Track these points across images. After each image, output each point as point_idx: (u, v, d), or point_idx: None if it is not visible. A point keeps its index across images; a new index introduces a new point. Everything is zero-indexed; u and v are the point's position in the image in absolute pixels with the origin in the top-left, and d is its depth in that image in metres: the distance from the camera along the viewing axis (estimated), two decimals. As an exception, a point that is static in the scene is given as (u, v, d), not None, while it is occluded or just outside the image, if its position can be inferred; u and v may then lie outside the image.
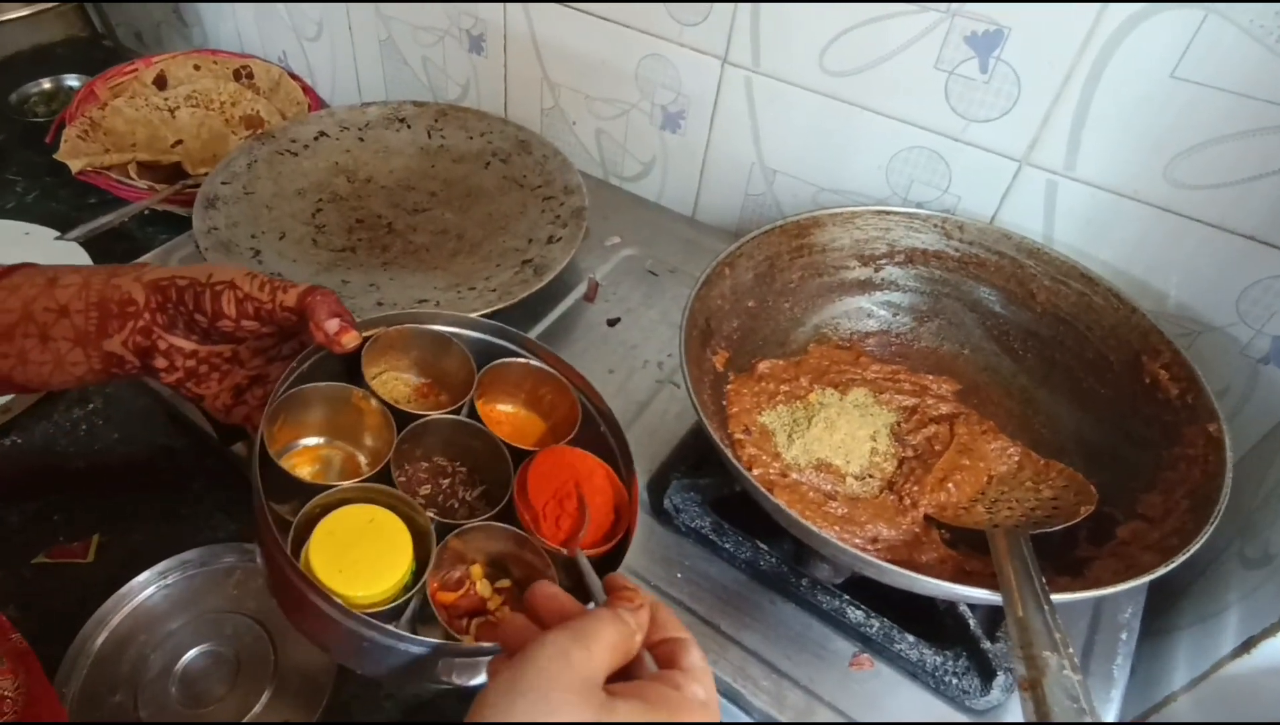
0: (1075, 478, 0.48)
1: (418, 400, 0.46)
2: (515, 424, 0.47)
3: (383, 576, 0.36)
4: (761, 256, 0.56)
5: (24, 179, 0.96)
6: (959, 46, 0.55)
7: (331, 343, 0.41)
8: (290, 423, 0.43)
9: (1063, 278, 0.54)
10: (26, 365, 0.41)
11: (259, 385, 0.46)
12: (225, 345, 0.44)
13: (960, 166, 0.60)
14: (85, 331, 0.41)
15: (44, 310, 0.41)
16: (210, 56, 1.03)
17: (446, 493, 0.43)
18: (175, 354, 0.43)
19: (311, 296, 0.41)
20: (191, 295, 0.41)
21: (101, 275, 0.42)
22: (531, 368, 0.46)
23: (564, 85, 0.80)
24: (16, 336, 0.41)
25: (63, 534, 0.63)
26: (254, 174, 0.71)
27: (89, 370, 0.42)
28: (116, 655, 0.55)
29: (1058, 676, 0.30)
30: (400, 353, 0.46)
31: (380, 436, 0.42)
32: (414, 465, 0.44)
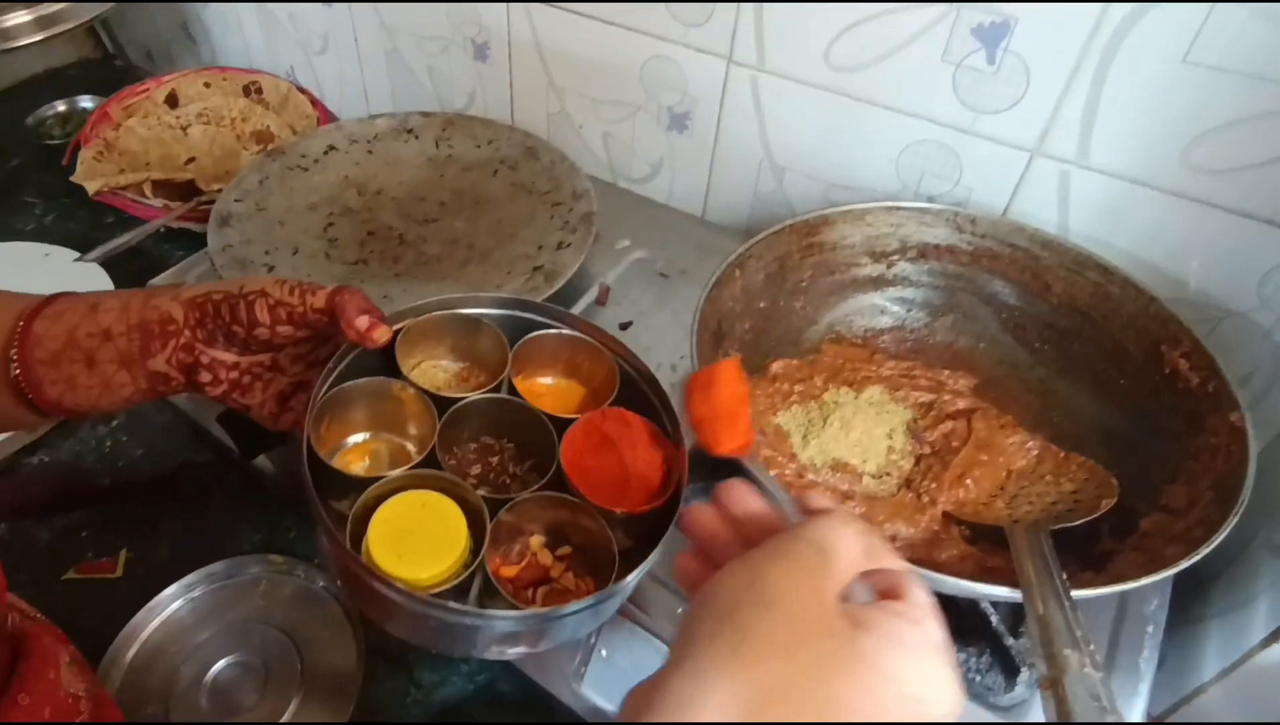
0: (1096, 470, 0.48)
1: (459, 385, 0.48)
2: (557, 394, 0.48)
3: (441, 557, 0.38)
4: (771, 257, 0.56)
5: (42, 201, 0.98)
6: (966, 39, 0.55)
7: (364, 339, 0.42)
8: (336, 422, 0.44)
9: (1078, 268, 0.53)
10: (75, 390, 0.43)
11: (303, 391, 0.48)
12: (265, 354, 0.46)
13: (971, 159, 0.60)
14: (129, 353, 0.43)
15: (87, 335, 0.42)
16: (220, 74, 1.05)
17: (497, 469, 0.45)
18: (218, 367, 0.44)
19: (339, 296, 0.42)
20: (227, 308, 0.42)
21: (140, 297, 0.44)
22: (565, 337, 0.47)
23: (569, 90, 0.81)
24: (63, 363, 0.42)
25: (91, 549, 0.65)
26: (266, 190, 0.72)
27: (136, 390, 0.44)
28: (148, 667, 0.57)
29: (1079, 674, 0.30)
30: (434, 341, 0.48)
31: (424, 424, 0.43)
32: (462, 447, 0.45)
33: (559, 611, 0.37)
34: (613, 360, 0.47)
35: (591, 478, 0.42)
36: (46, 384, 0.42)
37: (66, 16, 1.00)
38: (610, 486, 0.42)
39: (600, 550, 0.41)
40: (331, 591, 0.60)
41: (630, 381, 0.46)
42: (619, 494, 0.42)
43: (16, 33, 0.98)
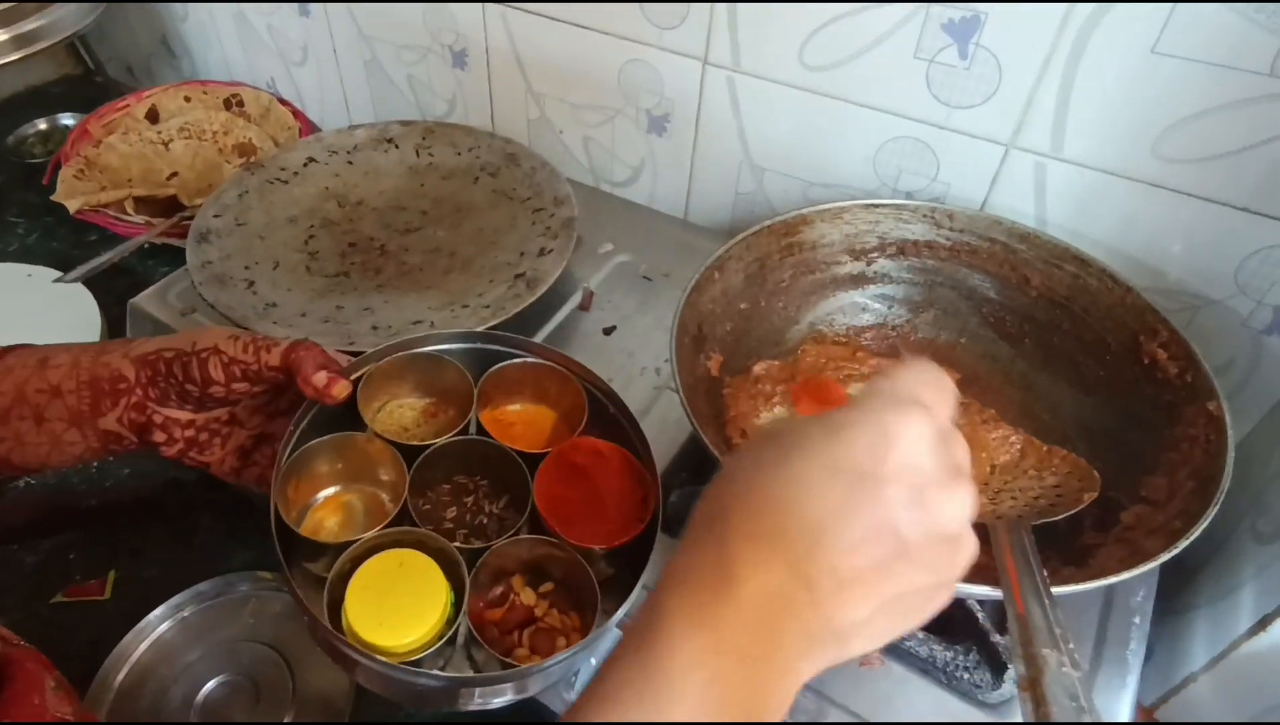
0: (1079, 464, 0.48)
1: (427, 422, 0.47)
2: (528, 421, 0.48)
3: (423, 618, 0.37)
4: (751, 258, 0.56)
5: (24, 220, 0.98)
6: (937, 35, 0.55)
7: (322, 396, 0.41)
8: (305, 480, 0.43)
9: (1056, 261, 0.54)
10: (24, 447, 0.42)
11: (266, 443, 0.46)
12: (222, 409, 0.45)
13: (947, 154, 0.60)
14: (79, 411, 0.41)
15: (36, 392, 0.41)
16: (200, 87, 1.04)
17: (473, 510, 0.44)
18: (173, 426, 0.43)
19: (295, 352, 0.41)
20: (179, 366, 0.41)
21: (90, 353, 0.42)
22: (530, 365, 0.46)
23: (548, 95, 0.81)
24: (12, 419, 0.41)
25: (79, 572, 0.64)
26: (245, 205, 0.72)
27: (87, 448, 0.43)
28: (138, 689, 0.57)
29: (1057, 674, 0.30)
30: (397, 382, 0.47)
31: (395, 471, 0.43)
32: (436, 490, 0.45)
33: (541, 667, 0.37)
34: (580, 385, 0.46)
35: (568, 511, 0.42)
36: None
37: (44, 34, 1.00)
38: (587, 518, 0.42)
39: (584, 583, 0.41)
40: (321, 606, 0.60)
41: (600, 404, 0.46)
42: (597, 524, 0.42)
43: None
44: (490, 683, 0.38)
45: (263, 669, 0.58)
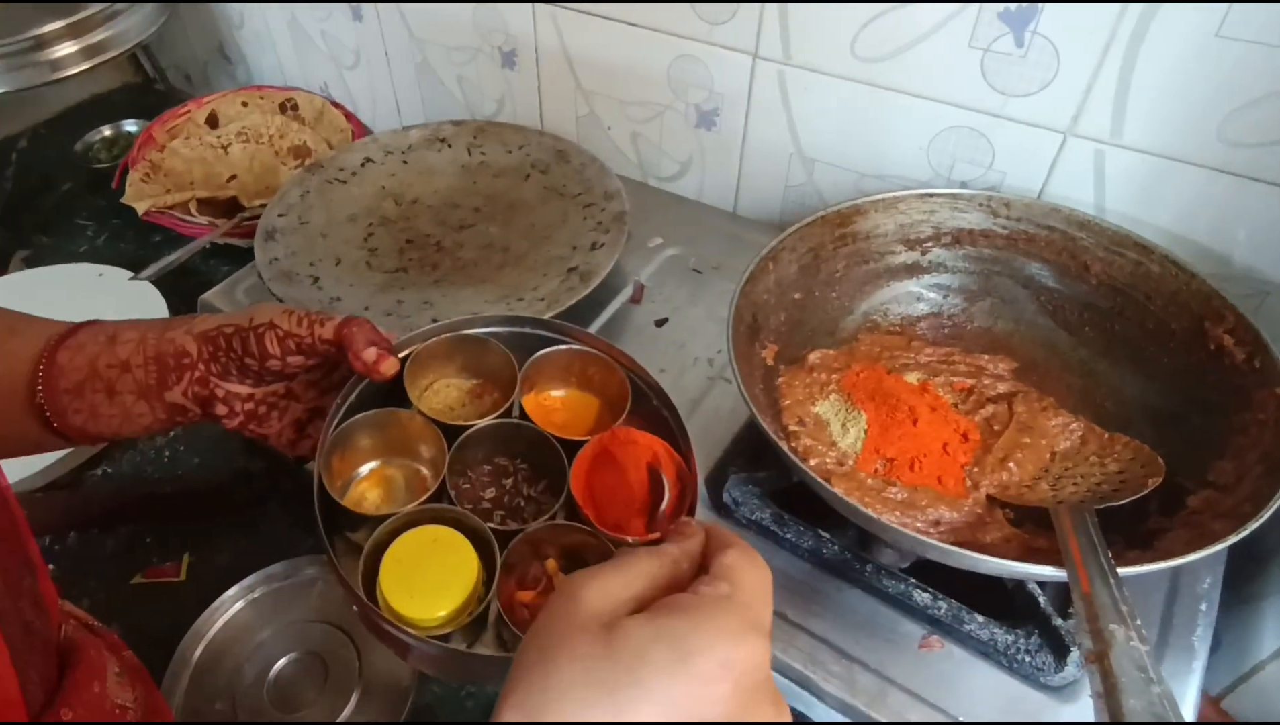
0: (1141, 450, 0.48)
1: (472, 402, 0.49)
2: (571, 407, 0.49)
3: (453, 594, 0.38)
4: (805, 248, 0.57)
5: (93, 223, 1.03)
6: (992, 23, 0.55)
7: (371, 371, 0.43)
8: (350, 452, 0.45)
9: (1117, 248, 0.54)
10: (98, 418, 0.44)
11: (319, 417, 0.49)
12: (279, 383, 0.47)
13: (1003, 143, 0.60)
14: (147, 385, 0.44)
15: (107, 366, 0.43)
16: (256, 92, 1.09)
17: (511, 492, 0.45)
18: (233, 399, 0.45)
19: (348, 327, 0.43)
20: (238, 341, 0.43)
21: (156, 329, 0.45)
22: (575, 352, 0.48)
23: (597, 92, 0.82)
24: (86, 392, 0.44)
25: (155, 555, 0.68)
26: (307, 204, 0.75)
27: (154, 420, 0.45)
28: (214, 666, 0.60)
29: (1125, 648, 0.31)
30: (444, 361, 0.49)
31: (436, 449, 0.44)
32: (476, 470, 0.46)
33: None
34: (623, 374, 0.47)
35: (604, 500, 0.43)
36: (70, 412, 0.44)
37: (111, 45, 1.05)
38: (623, 507, 0.43)
39: None
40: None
41: (643, 394, 0.47)
42: (633, 513, 0.42)
43: (65, 63, 1.03)
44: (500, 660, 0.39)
45: (331, 648, 0.61)
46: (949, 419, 0.51)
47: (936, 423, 0.51)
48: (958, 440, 0.50)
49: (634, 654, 0.25)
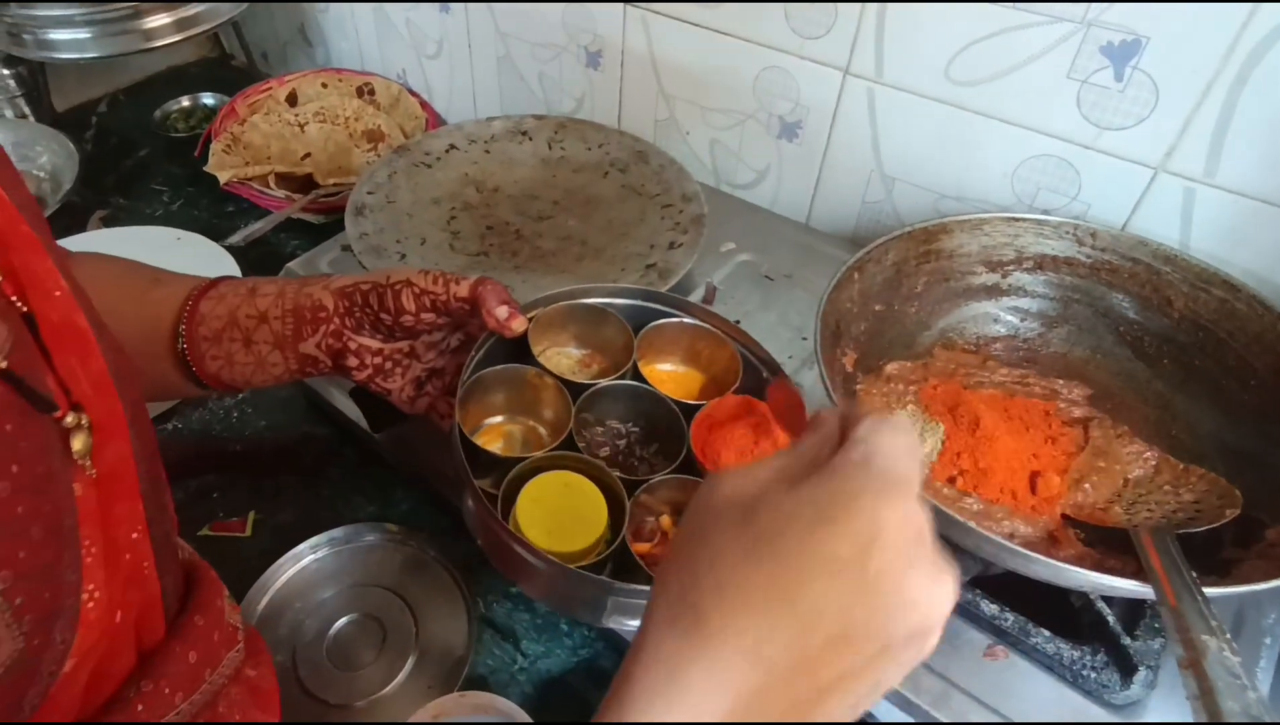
0: (1218, 482, 0.50)
1: (581, 371, 0.52)
2: (676, 381, 0.52)
3: (585, 534, 0.41)
4: (889, 261, 0.59)
5: (168, 188, 1.08)
6: (1093, 56, 0.57)
7: (503, 328, 0.46)
8: (475, 405, 0.49)
9: (1202, 284, 0.55)
10: (233, 366, 0.48)
11: (437, 377, 0.52)
12: (405, 342, 0.50)
13: (1091, 174, 0.62)
14: (283, 335, 0.47)
15: (246, 317, 0.47)
16: (336, 75, 1.13)
17: (624, 452, 0.48)
18: (364, 353, 0.49)
19: (482, 286, 0.46)
20: (375, 296, 0.46)
21: (294, 285, 0.49)
22: (686, 325, 0.51)
23: (679, 97, 0.85)
24: (224, 340, 0.47)
25: (221, 510, 0.71)
26: (394, 184, 0.79)
27: (286, 370, 0.49)
28: (276, 619, 0.62)
29: (1218, 656, 0.33)
30: (559, 329, 0.52)
31: (556, 408, 0.47)
32: (590, 431, 0.49)
33: None
34: (735, 349, 0.50)
35: (718, 462, 0.46)
36: (208, 358, 0.48)
37: (203, 19, 1.10)
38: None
39: None
40: (442, 563, 0.65)
41: (752, 370, 0.50)
42: None
43: (157, 34, 1.08)
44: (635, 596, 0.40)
45: (389, 612, 0.63)
46: (1027, 437, 0.53)
47: (1014, 439, 0.52)
48: (1035, 458, 0.52)
49: (776, 523, 0.25)
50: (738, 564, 0.25)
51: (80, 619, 0.27)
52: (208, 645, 0.36)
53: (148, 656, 0.34)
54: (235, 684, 0.38)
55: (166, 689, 0.33)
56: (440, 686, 0.59)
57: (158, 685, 0.33)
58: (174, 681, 0.33)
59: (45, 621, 0.26)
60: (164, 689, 0.33)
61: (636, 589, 0.41)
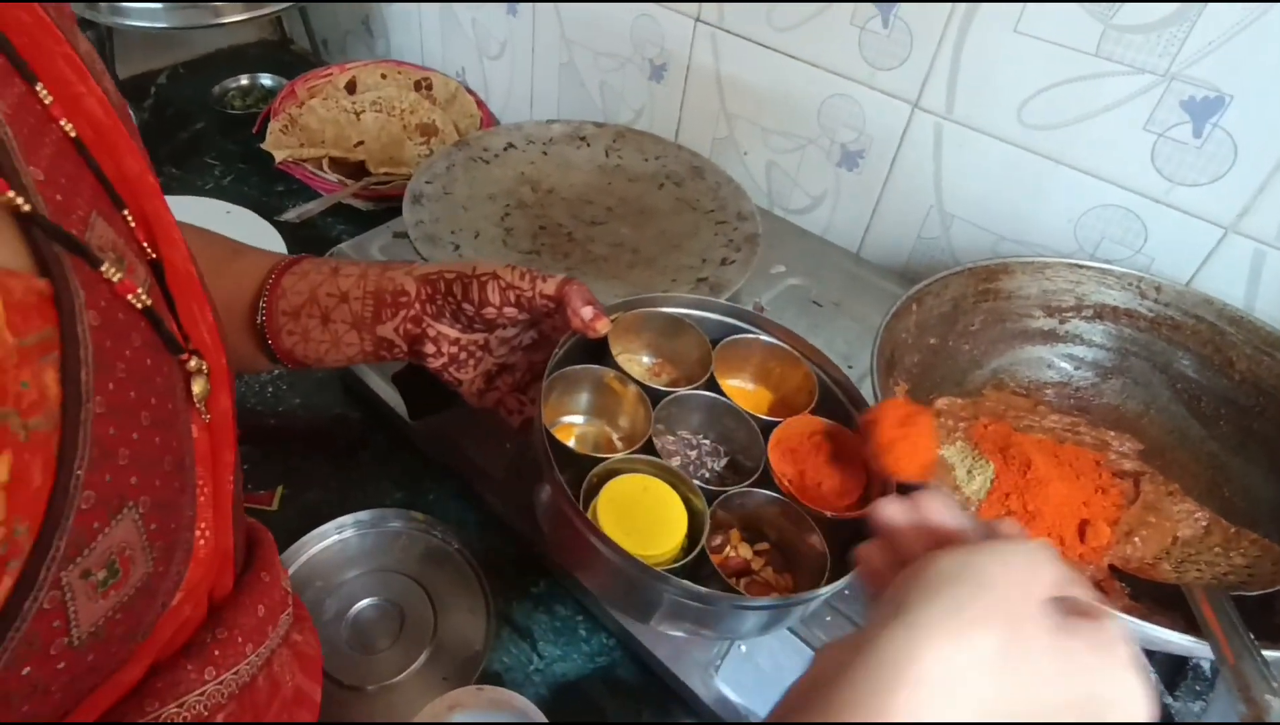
0: (1271, 548, 0.49)
1: (650, 379, 0.52)
2: (745, 397, 0.52)
3: (666, 538, 0.42)
4: (947, 296, 0.59)
5: (221, 164, 1.10)
6: (1173, 110, 0.58)
7: (587, 328, 0.46)
8: (552, 402, 0.49)
9: (1267, 348, 0.55)
10: (308, 342, 0.49)
11: (507, 373, 0.53)
12: (481, 334, 0.51)
13: (1159, 228, 0.63)
14: (362, 317, 0.48)
15: (327, 295, 0.48)
16: (395, 67, 1.16)
17: (696, 463, 0.48)
18: (442, 341, 0.49)
19: (568, 286, 0.47)
20: (460, 286, 0.47)
21: (377, 268, 0.50)
22: (761, 343, 0.51)
23: (741, 117, 0.87)
24: (302, 316, 0.48)
25: (251, 482, 0.72)
26: (452, 176, 0.80)
27: (360, 351, 0.50)
28: (299, 593, 0.63)
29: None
30: (633, 335, 0.52)
31: (632, 413, 0.47)
32: (661, 439, 0.49)
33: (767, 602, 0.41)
34: (810, 369, 0.50)
35: (794, 481, 0.46)
36: (284, 333, 0.49)
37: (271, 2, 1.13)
38: (811, 491, 0.46)
39: (797, 550, 0.44)
40: (465, 556, 0.65)
41: (826, 390, 0.50)
42: (819, 499, 0.45)
43: (224, 11, 1.11)
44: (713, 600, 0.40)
45: (409, 601, 0.63)
46: (1078, 484, 0.53)
47: (1066, 486, 0.52)
48: (1085, 506, 0.52)
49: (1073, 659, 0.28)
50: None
51: (193, 554, 0.29)
52: (271, 602, 0.37)
53: (219, 607, 0.35)
54: (286, 646, 0.39)
55: (239, 638, 0.34)
56: (455, 679, 0.59)
57: (231, 634, 0.34)
58: (245, 633, 0.34)
59: (168, 551, 0.27)
60: (237, 638, 0.34)
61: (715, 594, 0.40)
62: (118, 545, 0.25)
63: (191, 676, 0.32)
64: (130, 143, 0.31)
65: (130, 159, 0.31)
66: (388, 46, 1.29)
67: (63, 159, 0.28)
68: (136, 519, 0.26)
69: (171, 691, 0.31)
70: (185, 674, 0.32)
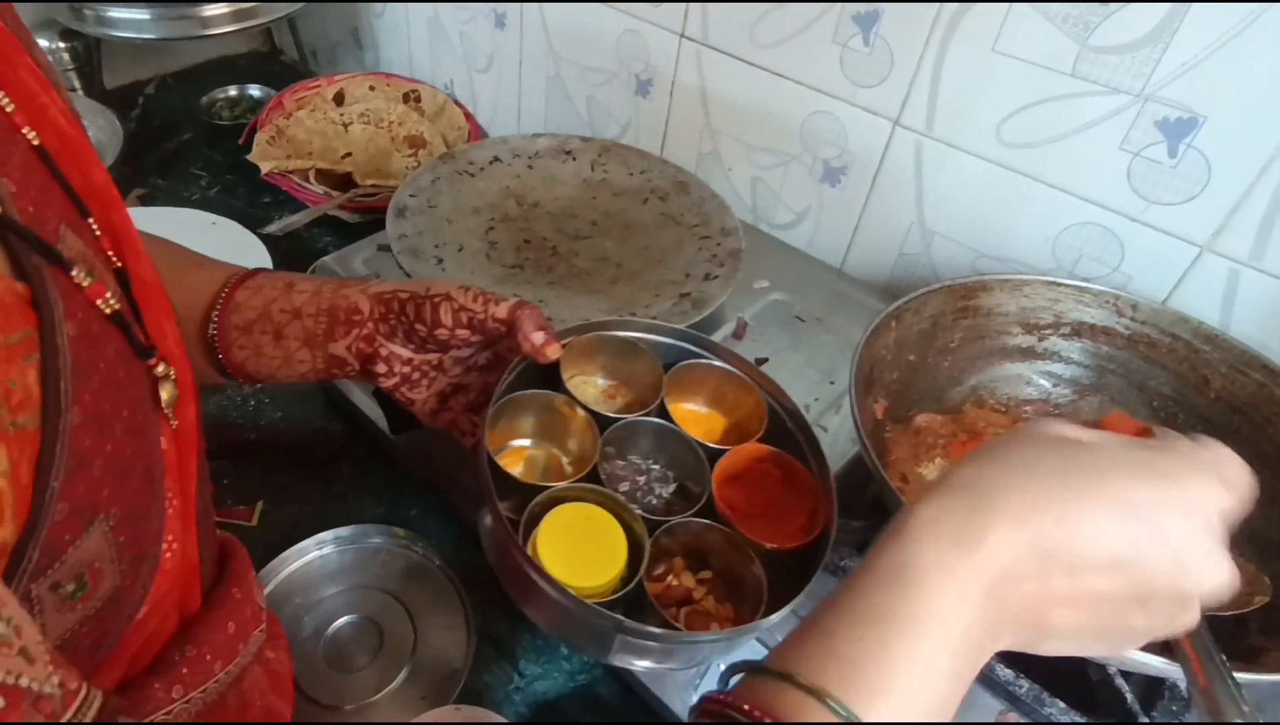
0: (1246, 568, 0.49)
1: (605, 402, 0.52)
2: (698, 422, 0.52)
3: (604, 569, 0.41)
4: (927, 313, 0.60)
5: (207, 174, 1.10)
6: (1149, 130, 0.58)
7: (537, 353, 0.46)
8: (501, 427, 0.49)
9: (1242, 367, 0.55)
10: (260, 358, 0.48)
11: (461, 393, 0.52)
12: (435, 354, 0.51)
13: (1135, 247, 0.63)
14: (315, 334, 0.48)
15: (280, 311, 0.48)
16: (384, 79, 1.16)
17: (644, 489, 0.48)
18: (394, 361, 0.49)
19: (520, 310, 0.47)
20: (413, 306, 0.47)
21: (332, 285, 0.49)
22: (715, 368, 0.51)
23: (725, 132, 0.87)
24: (255, 331, 0.48)
25: (230, 496, 0.71)
26: (437, 190, 0.80)
27: (312, 368, 0.49)
28: (275, 612, 0.62)
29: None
30: (587, 358, 0.52)
31: (581, 439, 0.47)
32: (610, 464, 0.49)
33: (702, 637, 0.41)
34: (761, 397, 0.50)
35: (738, 510, 0.46)
36: (236, 348, 0.48)
37: (259, 14, 1.13)
38: (755, 520, 0.45)
39: (739, 579, 0.44)
40: (446, 573, 0.65)
41: (777, 418, 0.50)
42: (763, 528, 0.45)
43: (213, 22, 1.11)
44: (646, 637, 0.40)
45: (388, 617, 0.63)
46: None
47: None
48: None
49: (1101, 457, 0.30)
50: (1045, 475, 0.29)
51: (159, 566, 0.29)
52: (242, 618, 0.37)
53: (189, 623, 0.34)
54: (258, 663, 0.38)
55: (208, 655, 0.34)
56: (434, 698, 0.59)
57: (200, 651, 0.33)
58: (215, 649, 0.34)
59: (136, 564, 0.27)
60: (205, 655, 0.34)
61: (648, 630, 0.40)
62: (88, 557, 0.25)
63: (159, 695, 0.32)
64: (94, 153, 0.31)
65: (96, 169, 0.31)
66: (376, 58, 1.29)
67: (31, 169, 0.28)
68: (107, 531, 0.26)
69: (138, 710, 0.31)
70: (153, 692, 0.32)
